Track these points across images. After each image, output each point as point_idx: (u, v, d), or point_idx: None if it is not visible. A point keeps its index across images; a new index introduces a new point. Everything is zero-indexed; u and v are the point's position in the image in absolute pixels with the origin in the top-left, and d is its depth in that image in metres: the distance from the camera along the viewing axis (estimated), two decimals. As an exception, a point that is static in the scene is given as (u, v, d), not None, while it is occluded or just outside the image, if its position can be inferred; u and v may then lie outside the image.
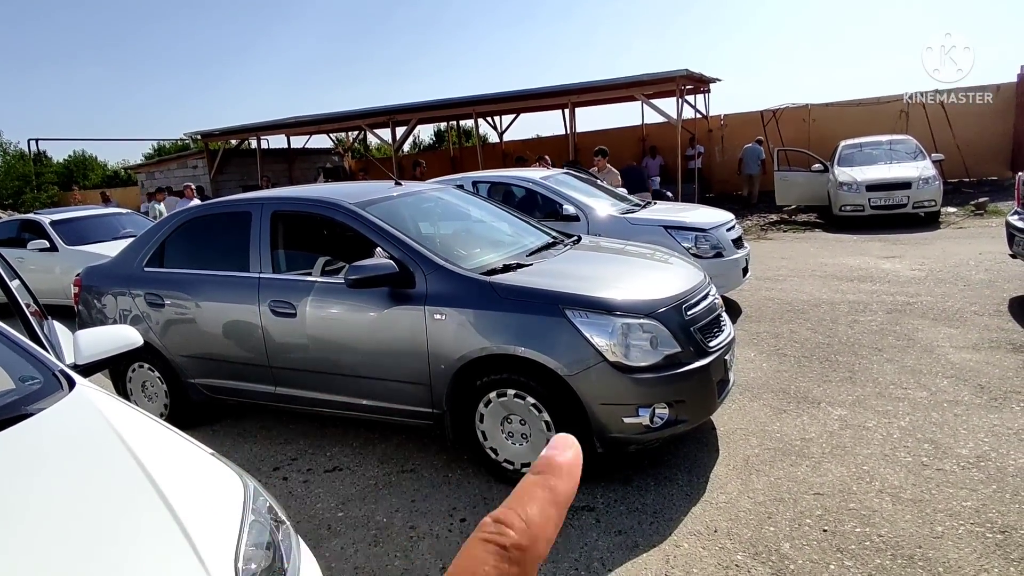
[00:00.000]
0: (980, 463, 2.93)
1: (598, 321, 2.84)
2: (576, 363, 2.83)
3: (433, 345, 3.12)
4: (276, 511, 1.63)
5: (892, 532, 2.48)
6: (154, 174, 18.31)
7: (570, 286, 3.00)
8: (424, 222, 3.93)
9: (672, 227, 5.64)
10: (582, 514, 2.83)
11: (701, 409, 3.04)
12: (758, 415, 3.67)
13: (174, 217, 4.19)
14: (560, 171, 7.03)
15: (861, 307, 5.70)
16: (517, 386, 2.97)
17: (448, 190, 4.55)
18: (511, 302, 2.98)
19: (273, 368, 3.67)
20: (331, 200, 3.56)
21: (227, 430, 4.21)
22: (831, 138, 13.02)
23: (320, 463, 3.60)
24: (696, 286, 3.28)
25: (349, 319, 3.36)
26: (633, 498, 2.92)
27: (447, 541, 2.72)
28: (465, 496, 3.07)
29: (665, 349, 2.89)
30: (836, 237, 9.75)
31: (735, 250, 5.80)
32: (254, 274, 3.68)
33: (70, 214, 9.93)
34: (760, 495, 2.84)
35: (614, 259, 3.75)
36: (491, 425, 3.10)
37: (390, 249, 3.29)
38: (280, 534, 1.54)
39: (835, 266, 7.55)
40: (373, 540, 2.79)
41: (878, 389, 3.88)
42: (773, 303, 6.11)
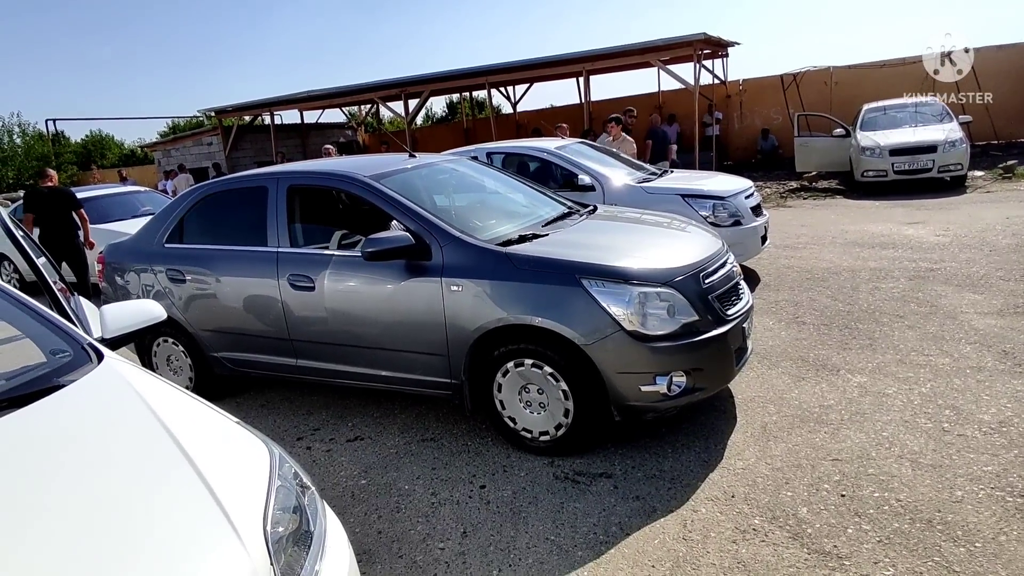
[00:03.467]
0: (1002, 428, 2.91)
1: (615, 290, 2.84)
2: (593, 332, 2.83)
3: (450, 316, 3.14)
4: (301, 476, 1.68)
5: (911, 497, 2.49)
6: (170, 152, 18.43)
7: (586, 255, 2.99)
8: (439, 194, 3.93)
9: (689, 195, 5.57)
10: (600, 480, 2.86)
11: (719, 377, 3.04)
12: (776, 383, 3.66)
13: (191, 194, 4.23)
14: (575, 141, 6.94)
15: (883, 274, 5.61)
16: (534, 356, 2.99)
17: (462, 162, 4.52)
18: (527, 272, 2.98)
19: (293, 341, 3.72)
20: (346, 173, 3.56)
21: (251, 402, 4.30)
22: (854, 102, 12.69)
23: (342, 433, 3.67)
24: (714, 254, 3.25)
25: (367, 292, 3.38)
26: (650, 465, 2.94)
27: (468, 507, 2.77)
28: (485, 464, 3.12)
29: (682, 317, 2.88)
30: (858, 203, 9.57)
31: (754, 218, 5.72)
32: (272, 248, 3.71)
33: (89, 193, 10.06)
34: (778, 461, 2.85)
35: (630, 228, 3.72)
36: (509, 395, 3.13)
37: (405, 221, 3.29)
38: (306, 499, 1.58)
39: (856, 233, 7.42)
40: (396, 507, 2.85)
41: (899, 356, 3.84)
42: (792, 271, 6.04)
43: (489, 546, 2.49)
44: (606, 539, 2.45)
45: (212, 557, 1.18)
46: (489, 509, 2.74)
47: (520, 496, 2.81)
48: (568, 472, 2.96)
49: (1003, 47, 13.40)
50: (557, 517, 2.63)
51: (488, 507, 2.76)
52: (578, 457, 3.07)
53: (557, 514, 2.65)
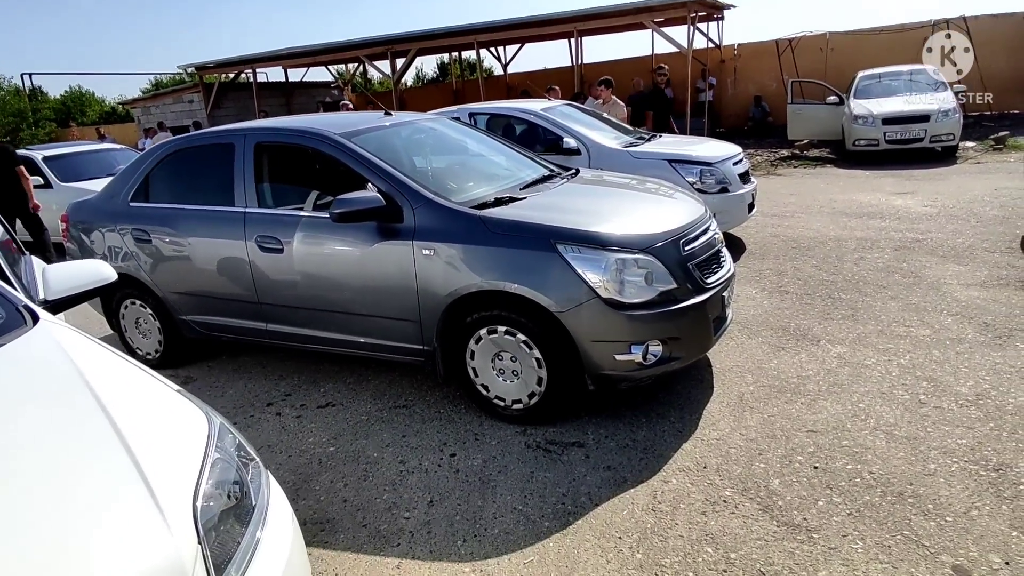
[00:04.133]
0: (979, 401, 2.88)
1: (591, 256, 2.74)
2: (568, 299, 2.74)
3: (422, 281, 3.03)
4: (245, 448, 1.59)
5: (884, 469, 2.45)
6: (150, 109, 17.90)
7: (563, 220, 2.88)
8: (416, 154, 3.78)
9: (676, 160, 5.44)
10: (571, 450, 2.81)
11: (696, 346, 2.98)
12: (755, 352, 3.61)
13: (156, 150, 4.05)
14: (562, 103, 6.75)
15: (869, 244, 5.55)
16: (508, 323, 2.90)
17: (443, 121, 4.36)
18: (501, 237, 2.87)
19: (263, 305, 3.61)
20: (316, 130, 3.40)
21: (223, 366, 4.21)
22: (849, 69, 12.46)
23: (314, 399, 3.60)
24: (695, 220, 3.15)
25: (337, 255, 3.26)
26: (623, 434, 2.90)
27: (436, 476, 2.72)
28: (456, 432, 3.06)
29: (660, 285, 2.79)
30: (848, 173, 9.46)
31: (741, 185, 5.61)
32: (240, 208, 3.57)
33: (63, 150, 9.74)
34: (752, 432, 2.81)
35: (611, 192, 3.60)
36: (482, 362, 3.06)
37: (377, 182, 3.15)
38: (249, 472, 1.50)
39: (845, 202, 7.34)
40: (363, 475, 2.80)
41: (880, 327, 3.80)
42: (778, 240, 5.97)
43: (455, 516, 2.45)
44: (574, 510, 2.41)
45: (129, 536, 1.09)
46: (458, 478, 2.69)
47: (490, 465, 2.76)
48: (540, 441, 2.91)
49: (999, 16, 13.17)
50: (526, 487, 2.58)
51: (457, 476, 2.71)
52: (551, 426, 3.01)
53: (526, 484, 2.60)
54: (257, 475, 1.53)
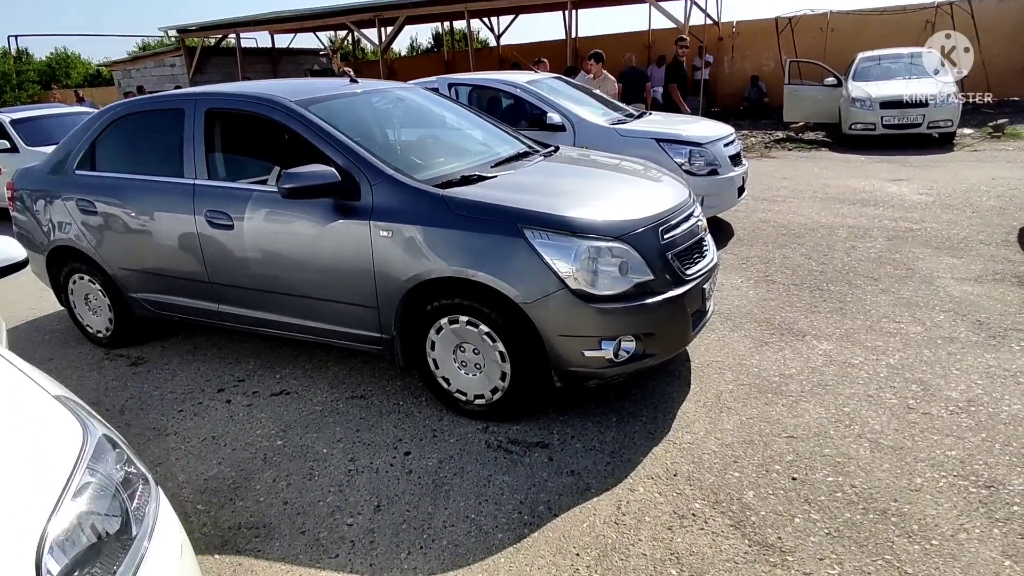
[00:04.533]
0: (971, 408, 2.70)
1: (560, 243, 2.51)
2: (534, 290, 2.52)
3: (379, 265, 2.80)
4: (135, 464, 1.37)
5: (867, 483, 2.27)
6: (131, 72, 17.30)
7: (532, 202, 2.64)
8: (383, 126, 3.50)
9: (665, 140, 5.18)
10: (534, 451, 2.62)
11: (673, 343, 2.77)
12: (737, 347, 3.41)
13: (103, 115, 3.74)
14: (549, 76, 6.44)
15: (861, 232, 5.34)
16: (470, 312, 2.68)
17: (416, 92, 4.07)
18: (464, 219, 2.63)
19: (213, 284, 3.36)
20: (269, 97, 3.12)
21: (177, 347, 3.97)
22: (849, 50, 12.14)
23: (268, 385, 3.38)
24: (677, 206, 2.92)
25: (290, 233, 3.01)
26: (591, 435, 2.70)
27: (387, 477, 2.52)
28: (414, 428, 2.86)
29: (635, 276, 2.57)
30: (843, 157, 9.23)
31: (732, 168, 5.37)
32: (189, 180, 3.30)
33: (31, 113, 9.34)
34: (728, 436, 2.62)
35: (589, 173, 3.35)
36: (443, 353, 2.84)
37: (332, 155, 2.89)
38: (135, 496, 1.28)
39: (838, 188, 7.12)
40: (309, 473, 2.59)
41: (869, 322, 3.61)
42: (768, 226, 5.75)
43: (402, 524, 2.25)
44: (531, 520, 2.22)
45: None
46: (410, 480, 2.49)
47: (446, 466, 2.56)
48: (502, 440, 2.71)
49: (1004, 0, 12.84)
50: (482, 492, 2.39)
51: (409, 478, 2.51)
52: (515, 423, 2.82)
53: (483, 488, 2.41)
54: (146, 499, 1.31)
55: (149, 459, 2.79)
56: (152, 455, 2.82)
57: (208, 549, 2.22)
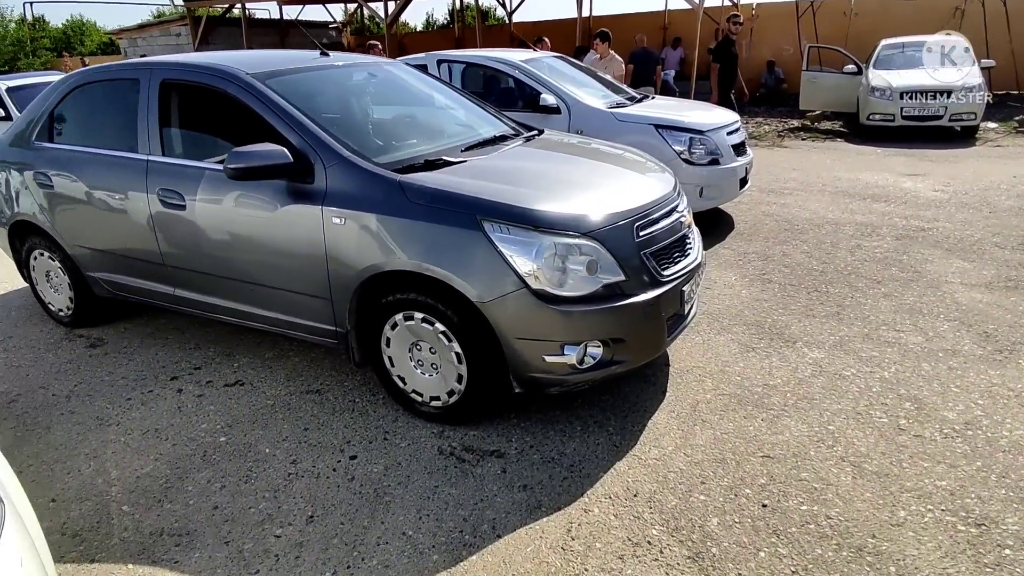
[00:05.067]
0: (967, 431, 2.47)
1: (521, 238, 2.29)
2: (491, 288, 2.31)
3: (332, 254, 2.60)
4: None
5: (844, 514, 2.06)
6: (136, 41, 17.09)
7: (495, 192, 2.42)
8: (351, 104, 3.27)
9: (664, 126, 4.90)
10: (488, 460, 2.43)
11: (644, 350, 2.55)
12: (721, 352, 3.19)
13: (62, 84, 3.55)
14: (549, 55, 6.15)
15: (869, 230, 5.06)
16: (425, 309, 2.48)
17: (398, 67, 3.83)
18: (421, 208, 2.41)
19: (168, 267, 3.19)
20: (223, 68, 2.90)
21: (139, 329, 3.82)
22: (873, 36, 11.63)
23: (223, 375, 3.21)
24: (658, 200, 2.68)
25: (241, 216, 2.82)
26: (552, 445, 2.51)
27: (327, 483, 2.34)
28: (366, 428, 2.68)
29: (605, 277, 2.35)
30: (858, 149, 8.85)
31: (734, 157, 5.09)
32: (142, 156, 3.11)
33: (28, 80, 9.18)
34: (699, 453, 2.41)
35: (567, 160, 3.11)
36: (399, 351, 2.65)
37: (287, 133, 2.68)
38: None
39: (850, 181, 6.80)
40: (246, 475, 2.42)
41: (867, 330, 3.37)
42: (771, 220, 5.48)
43: (334, 538, 2.08)
44: (472, 541, 2.04)
45: None
46: (350, 488, 2.31)
47: (391, 474, 2.38)
48: (456, 446, 2.53)
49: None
50: (425, 505, 2.21)
51: (350, 485, 2.33)
52: (472, 428, 2.63)
53: (426, 501, 2.23)
54: None
55: (85, 451, 2.64)
56: (89, 447, 2.67)
57: (124, 558, 2.06)
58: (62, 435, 2.78)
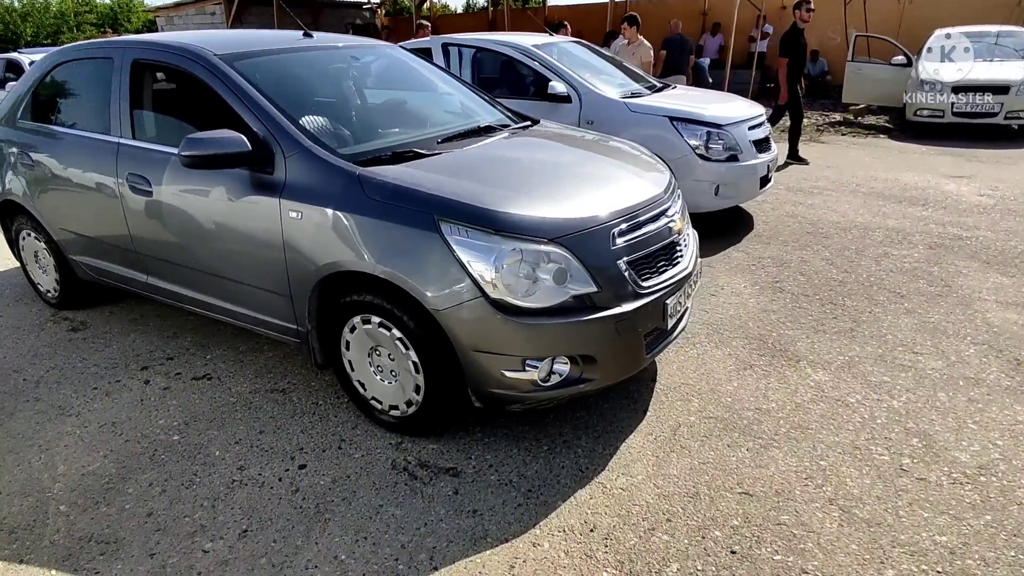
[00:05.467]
0: (980, 477, 2.19)
1: (480, 242, 2.09)
2: (447, 296, 2.12)
3: (290, 250, 2.45)
4: None
5: (823, 568, 1.83)
6: (173, 19, 17.28)
7: (459, 189, 2.22)
8: (326, 89, 3.10)
9: (679, 119, 4.61)
10: (442, 479, 2.26)
11: (617, 367, 2.33)
12: (715, 368, 2.94)
13: (44, 61, 3.48)
14: (565, 39, 5.87)
15: (900, 237, 4.69)
16: (382, 313, 2.31)
17: (388, 51, 3.64)
18: (378, 204, 2.23)
19: (140, 254, 3.10)
20: (190, 48, 2.76)
21: (123, 314, 3.76)
22: (928, 26, 10.90)
23: (194, 367, 3.12)
24: (643, 202, 2.44)
25: (204, 205, 2.69)
26: (512, 465, 2.32)
27: (269, 494, 2.21)
28: (322, 434, 2.54)
29: (575, 287, 2.14)
30: (901, 147, 8.32)
31: (755, 154, 4.76)
32: (114, 138, 3.01)
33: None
34: (671, 485, 2.19)
35: (552, 155, 2.86)
36: (358, 355, 2.50)
37: (249, 119, 2.53)
38: None
39: (887, 182, 6.36)
40: (190, 479, 2.31)
41: (881, 350, 3.07)
42: (794, 221, 5.13)
43: (261, 558, 1.94)
44: (406, 571, 1.87)
45: None
46: (292, 501, 2.18)
47: (338, 487, 2.24)
48: (411, 460, 2.36)
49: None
50: (364, 526, 2.05)
51: (292, 498, 2.19)
52: (432, 441, 2.46)
53: (367, 521, 2.07)
54: None
55: (40, 442, 2.57)
56: (44, 438, 2.60)
57: (48, 562, 1.97)
58: (22, 423, 2.72)
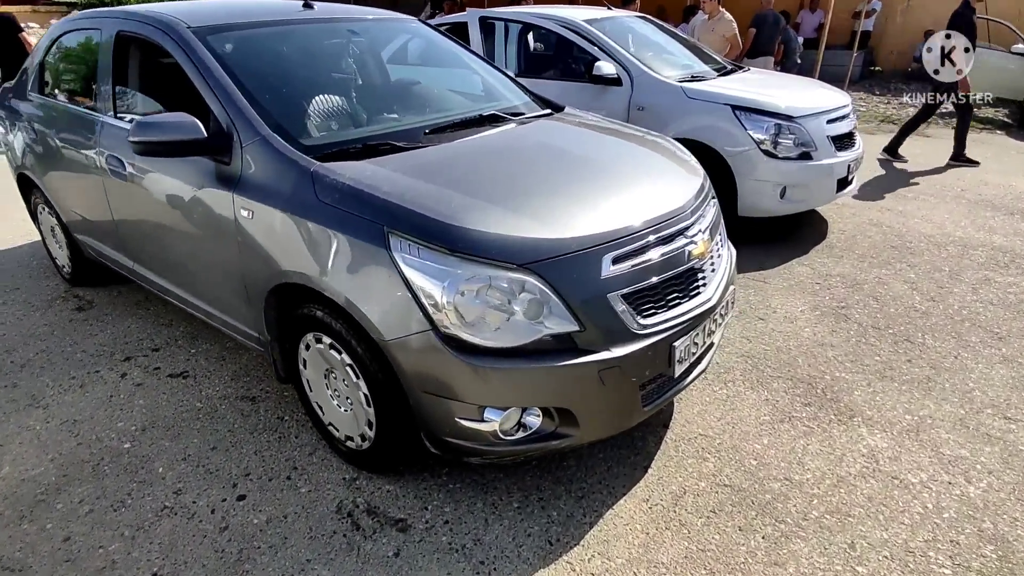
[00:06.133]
0: (1081, 618, 1.63)
1: (432, 263, 1.71)
2: (393, 324, 1.77)
3: (244, 251, 2.16)
4: None
5: None
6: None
7: (419, 195, 1.84)
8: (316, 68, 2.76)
9: (743, 108, 3.99)
10: (387, 533, 1.93)
11: (602, 423, 1.89)
12: (745, 417, 2.44)
13: (53, 30, 3.35)
14: (626, 14, 5.28)
15: (1007, 259, 3.90)
16: (332, 334, 1.99)
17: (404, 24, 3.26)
18: (328, 209, 1.89)
19: (123, 239, 2.93)
20: (164, 19, 2.49)
21: (130, 295, 3.65)
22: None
23: (175, 362, 2.94)
24: (655, 220, 1.96)
25: (169, 194, 2.44)
26: (471, 525, 1.96)
27: (195, 529, 1.96)
28: (275, 458, 2.27)
29: (552, 325, 1.73)
30: (1020, 147, 7.16)
31: (834, 152, 4.08)
32: (99, 116, 2.82)
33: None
34: (655, 577, 1.77)
35: (556, 154, 2.35)
36: (315, 375, 2.20)
37: (210, 101, 2.24)
38: None
39: (999, 188, 5.42)
40: (122, 500, 2.10)
41: (964, 411, 2.46)
42: (878, 232, 4.41)
43: (156, 615, 1.69)
44: (307, 659, 1.57)
45: None
46: (215, 543, 1.91)
47: (270, 529, 1.96)
48: (361, 504, 2.05)
49: None
50: (281, 588, 1.76)
51: (217, 538, 1.93)
52: (391, 480, 2.14)
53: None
54: None
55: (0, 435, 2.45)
56: (4, 432, 2.48)
57: (-52, 587, 1.81)
58: (-8, 412, 2.62)
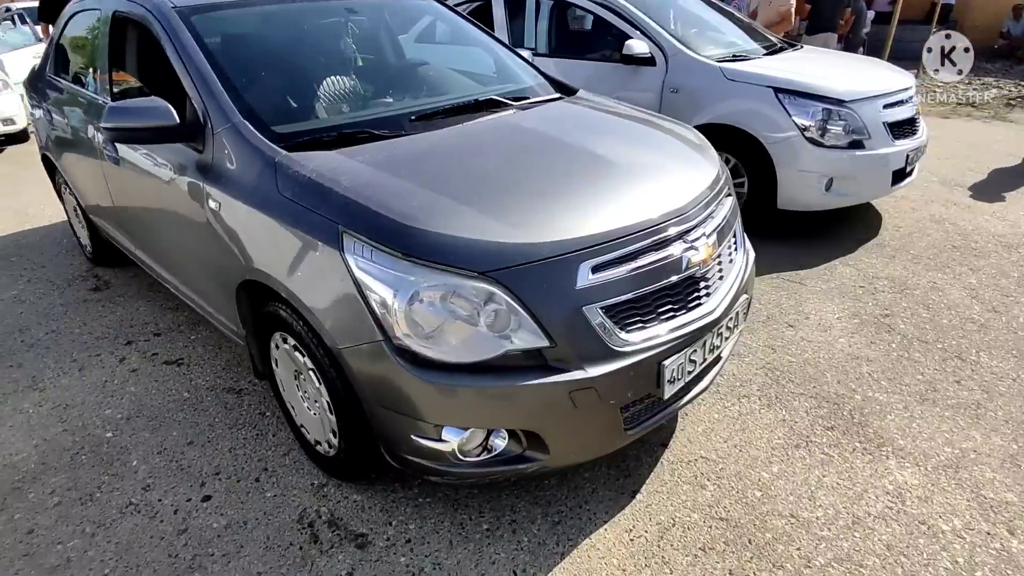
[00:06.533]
0: None
1: (386, 268, 1.55)
2: (346, 331, 1.63)
3: (215, 243, 2.06)
4: None
5: None
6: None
7: (379, 191, 1.68)
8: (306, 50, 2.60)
9: (786, 90, 3.63)
10: (344, 549, 1.81)
11: (575, 448, 1.71)
12: (756, 439, 2.20)
13: (67, 10, 3.33)
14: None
15: (1090, 266, 3.43)
16: (295, 335, 1.87)
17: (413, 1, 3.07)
18: (286, 203, 1.76)
19: (123, 223, 2.91)
20: None
21: (144, 277, 3.65)
22: None
23: (174, 348, 2.92)
24: (649, 221, 1.73)
25: (152, 179, 2.37)
26: (435, 545, 1.81)
27: (154, 531, 1.90)
28: (248, 457, 2.19)
29: (517, 339, 1.55)
30: (1125, 132, 6.37)
31: (890, 141, 3.67)
32: (98, 98, 2.79)
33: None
34: (624, 624, 1.58)
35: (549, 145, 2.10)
36: (286, 375, 2.09)
37: (187, 85, 2.14)
38: None
39: (1090, 182, 4.81)
40: (90, 495, 2.07)
41: (1017, 447, 2.14)
42: (939, 229, 3.98)
43: (96, 625, 1.63)
44: None
45: None
46: (171, 547, 1.85)
47: (227, 536, 1.87)
48: (323, 514, 1.94)
49: None
50: (225, 604, 1.67)
51: (173, 543, 1.86)
52: (359, 489, 2.02)
53: (232, 597, 1.69)
54: None
55: (-7, 418, 2.48)
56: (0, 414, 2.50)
57: (-89, 576, 1.81)
58: (-7, 392, 2.66)
